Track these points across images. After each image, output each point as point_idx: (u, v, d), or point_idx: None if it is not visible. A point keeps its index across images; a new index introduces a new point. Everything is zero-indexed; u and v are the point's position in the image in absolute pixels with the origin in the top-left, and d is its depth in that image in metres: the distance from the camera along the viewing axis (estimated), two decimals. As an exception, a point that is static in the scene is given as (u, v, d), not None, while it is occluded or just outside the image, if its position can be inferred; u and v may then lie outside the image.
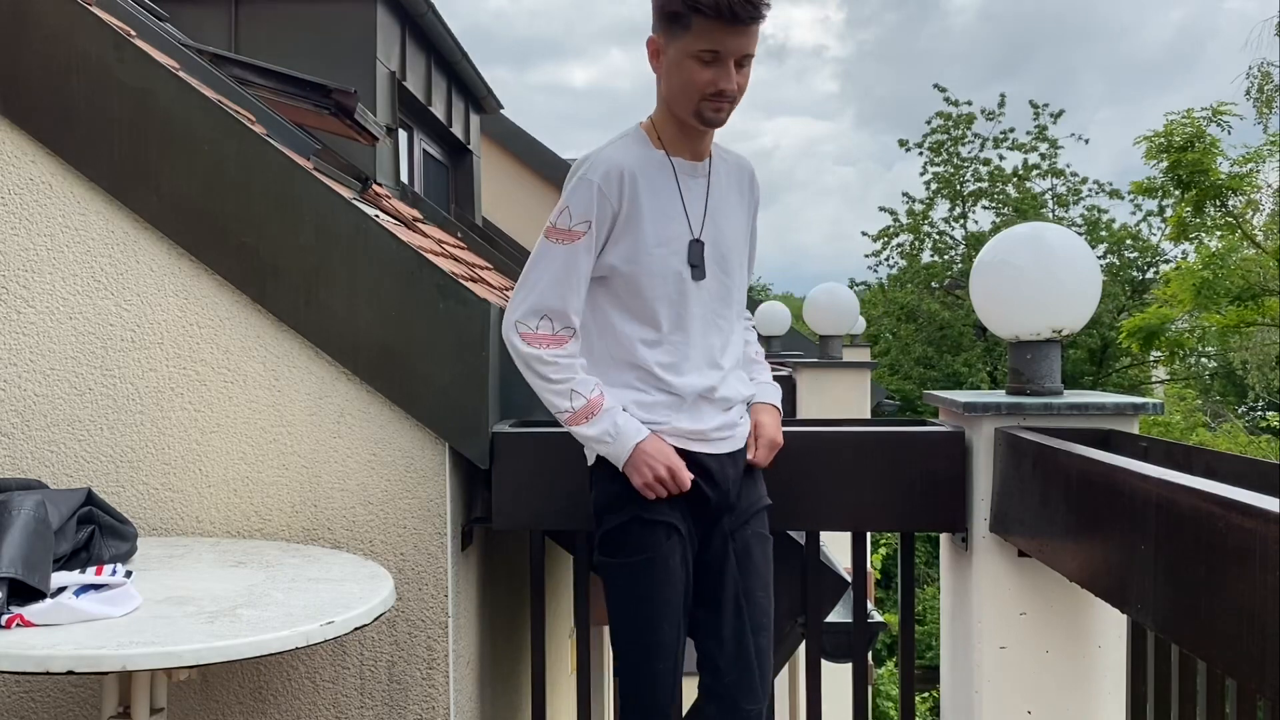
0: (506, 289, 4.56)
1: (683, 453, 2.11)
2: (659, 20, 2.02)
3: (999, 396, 2.59)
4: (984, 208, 22.89)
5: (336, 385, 2.49)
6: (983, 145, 22.64)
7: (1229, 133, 12.20)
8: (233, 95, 3.23)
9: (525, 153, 10.21)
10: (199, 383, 2.50)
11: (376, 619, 2.01)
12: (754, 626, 2.14)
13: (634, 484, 2.08)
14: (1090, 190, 22.66)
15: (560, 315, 2.08)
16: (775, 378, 2.37)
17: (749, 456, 2.21)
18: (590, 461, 2.21)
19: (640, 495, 2.09)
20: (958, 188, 22.83)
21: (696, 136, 2.12)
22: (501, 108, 8.37)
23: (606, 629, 2.22)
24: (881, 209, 23.69)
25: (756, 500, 2.23)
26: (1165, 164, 12.04)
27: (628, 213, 2.07)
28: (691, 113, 2.04)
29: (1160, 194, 13.73)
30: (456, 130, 7.23)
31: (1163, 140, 11.92)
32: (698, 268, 2.11)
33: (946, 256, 23.17)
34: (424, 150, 6.82)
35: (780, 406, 2.31)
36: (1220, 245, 13.32)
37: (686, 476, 2.08)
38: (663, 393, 2.12)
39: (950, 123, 22.60)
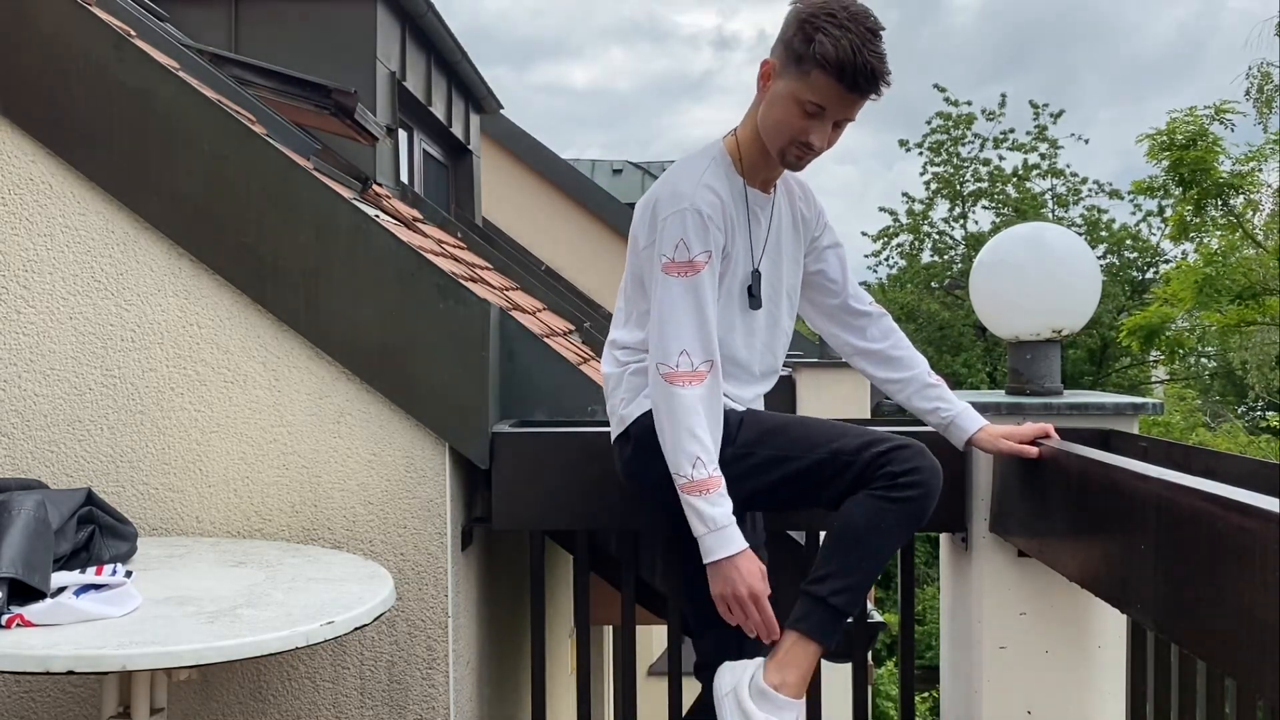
0: (507, 289, 4.57)
1: None
2: (782, 51, 2.01)
3: (999, 396, 2.59)
4: (984, 208, 22.91)
5: (336, 385, 2.49)
6: (982, 145, 22.66)
7: (1232, 130, 12.20)
8: (233, 95, 3.23)
9: (525, 153, 10.20)
10: (199, 383, 2.50)
11: (376, 619, 2.01)
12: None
13: (711, 589, 2.02)
14: (1090, 190, 22.70)
15: (698, 349, 2.01)
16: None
17: (1035, 451, 2.22)
18: (620, 430, 2.16)
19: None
20: (957, 188, 22.83)
21: (772, 168, 2.14)
22: (501, 108, 8.37)
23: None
24: (881, 209, 23.73)
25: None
26: (1167, 162, 12.03)
27: (726, 241, 2.09)
28: (777, 150, 2.06)
29: (1161, 193, 13.74)
30: (456, 130, 7.23)
31: (1165, 138, 11.92)
32: (754, 297, 2.14)
33: (946, 256, 23.18)
34: (424, 150, 6.82)
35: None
36: (1221, 245, 13.32)
37: (770, 618, 2.00)
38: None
39: (950, 123, 22.61)
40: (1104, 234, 22.27)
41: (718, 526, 1.96)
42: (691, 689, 2.34)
